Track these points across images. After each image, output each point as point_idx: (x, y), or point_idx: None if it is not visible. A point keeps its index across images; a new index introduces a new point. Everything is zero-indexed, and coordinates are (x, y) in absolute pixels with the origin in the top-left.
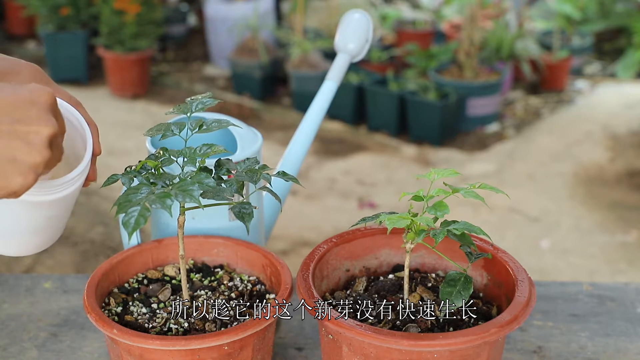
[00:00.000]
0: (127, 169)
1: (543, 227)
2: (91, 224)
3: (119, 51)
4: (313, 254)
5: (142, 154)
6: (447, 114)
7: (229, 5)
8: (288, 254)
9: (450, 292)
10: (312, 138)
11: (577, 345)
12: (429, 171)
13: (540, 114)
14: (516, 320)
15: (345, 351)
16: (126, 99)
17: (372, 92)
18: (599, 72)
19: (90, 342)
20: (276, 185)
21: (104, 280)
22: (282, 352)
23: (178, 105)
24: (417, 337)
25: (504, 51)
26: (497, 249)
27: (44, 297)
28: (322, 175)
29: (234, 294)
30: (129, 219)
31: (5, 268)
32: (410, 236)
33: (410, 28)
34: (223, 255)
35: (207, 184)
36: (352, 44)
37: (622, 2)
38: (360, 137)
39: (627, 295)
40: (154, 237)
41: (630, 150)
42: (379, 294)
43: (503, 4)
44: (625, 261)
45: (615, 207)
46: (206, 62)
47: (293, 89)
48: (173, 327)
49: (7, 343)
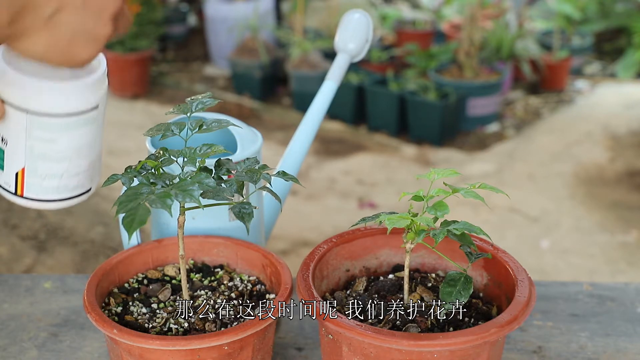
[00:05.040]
0: (127, 169)
1: (543, 227)
2: (91, 224)
3: (119, 51)
4: (313, 254)
5: (142, 154)
6: (447, 114)
7: (229, 5)
8: (288, 254)
9: (450, 292)
10: (312, 138)
11: (577, 345)
12: (429, 171)
13: (540, 114)
14: (516, 320)
15: (345, 351)
16: (126, 99)
17: (372, 92)
18: (599, 72)
19: (90, 342)
20: (276, 185)
21: (104, 280)
22: (282, 352)
23: (178, 105)
24: (417, 337)
25: (504, 51)
26: (497, 249)
27: (44, 297)
28: (322, 175)
29: (234, 294)
30: (129, 219)
31: (5, 268)
32: (410, 236)
33: (410, 28)
34: (223, 255)
35: (207, 184)
36: (352, 44)
37: (622, 2)
38: (360, 137)
39: (627, 295)
40: (154, 237)
41: (630, 150)
42: (379, 294)
43: (503, 4)
44: (625, 261)
45: (615, 207)
46: (206, 62)
47: (293, 89)
48: (173, 327)
49: (7, 343)
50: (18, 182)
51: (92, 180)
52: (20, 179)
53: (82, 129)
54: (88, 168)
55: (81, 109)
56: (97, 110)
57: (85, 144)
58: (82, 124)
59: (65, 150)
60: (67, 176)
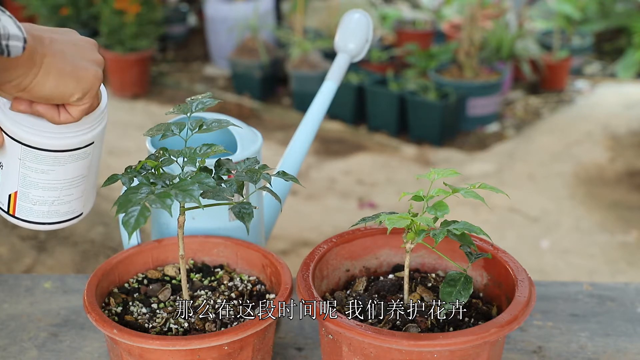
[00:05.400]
0: (127, 169)
1: (543, 227)
2: (91, 224)
3: (119, 51)
4: (313, 254)
5: (142, 154)
6: (447, 114)
7: (229, 5)
8: (288, 254)
9: (450, 292)
10: (312, 138)
11: (577, 345)
12: (429, 171)
13: (540, 114)
14: (516, 320)
15: (345, 351)
16: (126, 99)
17: (372, 92)
18: (599, 72)
19: (90, 342)
20: (276, 185)
21: (104, 280)
22: (282, 352)
23: (178, 105)
24: (417, 337)
25: (504, 51)
26: (497, 249)
27: (44, 297)
28: (322, 175)
29: (234, 294)
30: (129, 218)
31: (5, 268)
32: (410, 236)
33: (410, 28)
34: (223, 255)
35: (207, 184)
36: (352, 44)
37: (622, 2)
38: (360, 137)
39: (627, 295)
40: (154, 237)
41: (630, 150)
42: (379, 294)
43: (503, 4)
44: (625, 261)
45: (615, 207)
46: (206, 62)
47: (293, 89)
48: (173, 327)
49: (7, 343)
50: (11, 203)
51: (85, 205)
52: (13, 200)
53: (76, 163)
54: (81, 196)
55: (75, 146)
56: (91, 146)
57: (78, 176)
58: (75, 159)
59: (57, 181)
60: (58, 203)
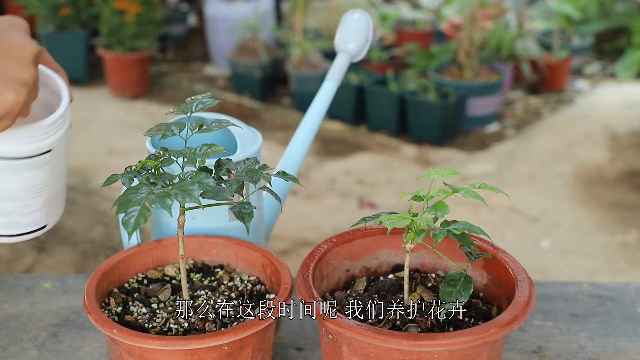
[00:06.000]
0: (127, 169)
1: (543, 227)
2: (91, 224)
3: (119, 51)
4: (313, 254)
5: (142, 154)
6: (447, 114)
7: (229, 5)
8: (288, 254)
9: (450, 292)
10: (312, 138)
11: (577, 345)
12: (429, 171)
13: (540, 114)
14: (516, 320)
15: (345, 351)
16: (126, 99)
17: (372, 92)
18: (599, 72)
19: (90, 342)
20: (276, 185)
21: (104, 280)
22: (282, 352)
23: (178, 105)
24: (417, 337)
25: (504, 51)
26: (497, 249)
27: (44, 297)
28: (322, 175)
29: (234, 294)
30: (129, 218)
31: (5, 268)
32: (410, 236)
33: (410, 28)
34: (223, 255)
35: (207, 184)
36: (352, 44)
37: (622, 2)
38: (360, 137)
39: (627, 295)
40: (154, 237)
41: (630, 150)
42: (379, 294)
43: (503, 4)
44: (625, 261)
45: (615, 207)
46: (206, 62)
47: (293, 89)
48: (173, 327)
49: (7, 343)
50: None
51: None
52: None
53: (33, 172)
54: (43, 206)
55: (29, 153)
56: (49, 154)
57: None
58: (32, 167)
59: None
60: (17, 214)
